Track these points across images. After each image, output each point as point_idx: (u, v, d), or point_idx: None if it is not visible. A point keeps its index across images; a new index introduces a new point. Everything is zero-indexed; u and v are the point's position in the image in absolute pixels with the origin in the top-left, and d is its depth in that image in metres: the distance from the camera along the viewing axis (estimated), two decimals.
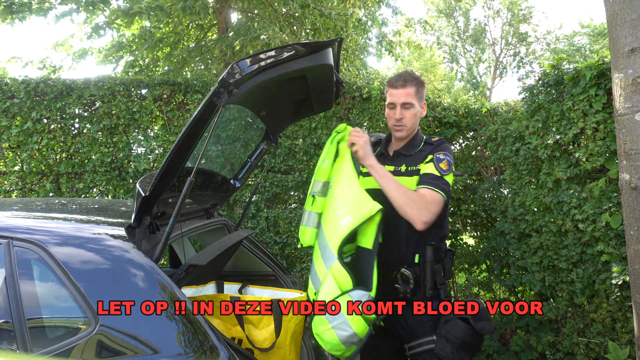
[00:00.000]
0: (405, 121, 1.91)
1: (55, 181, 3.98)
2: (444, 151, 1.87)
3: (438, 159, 1.84)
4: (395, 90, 1.90)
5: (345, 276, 1.61)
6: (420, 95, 1.92)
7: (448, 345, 1.69)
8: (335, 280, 1.62)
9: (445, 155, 1.85)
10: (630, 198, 2.20)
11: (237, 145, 3.96)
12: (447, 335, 1.70)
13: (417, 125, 1.98)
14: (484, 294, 4.15)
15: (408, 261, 1.86)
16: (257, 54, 1.45)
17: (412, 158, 1.92)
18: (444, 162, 1.83)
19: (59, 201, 2.34)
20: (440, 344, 1.71)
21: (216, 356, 1.31)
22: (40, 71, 6.57)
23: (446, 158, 1.84)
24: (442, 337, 1.71)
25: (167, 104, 4.01)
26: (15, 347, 1.35)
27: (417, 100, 1.91)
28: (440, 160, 1.83)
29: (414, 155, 1.92)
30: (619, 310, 2.87)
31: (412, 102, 1.89)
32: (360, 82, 4.13)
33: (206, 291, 2.05)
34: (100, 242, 1.47)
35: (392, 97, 1.92)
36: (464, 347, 1.68)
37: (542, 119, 3.16)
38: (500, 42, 20.73)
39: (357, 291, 1.60)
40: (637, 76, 2.10)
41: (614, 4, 2.18)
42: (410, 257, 1.86)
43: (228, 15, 6.24)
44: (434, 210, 1.73)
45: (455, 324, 1.71)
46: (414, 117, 1.92)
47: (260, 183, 3.99)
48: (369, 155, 1.80)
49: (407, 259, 1.86)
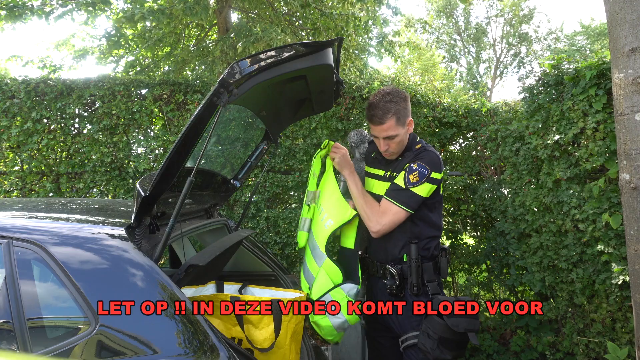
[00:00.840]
0: (391, 150, 1.92)
1: (55, 181, 3.98)
2: (419, 161, 1.86)
3: (410, 169, 1.85)
4: (374, 126, 1.88)
5: (336, 271, 1.90)
6: (402, 121, 1.87)
7: (429, 341, 1.74)
8: (327, 275, 1.89)
9: (419, 165, 1.84)
10: (630, 198, 2.20)
11: (237, 145, 3.96)
12: (427, 330, 1.76)
13: (405, 143, 1.95)
14: (484, 294, 4.15)
15: (396, 259, 1.95)
16: (257, 54, 1.45)
17: (397, 164, 1.98)
18: (414, 173, 1.83)
19: (59, 201, 2.34)
20: (422, 338, 1.78)
21: (216, 356, 1.31)
22: (40, 71, 6.57)
23: (419, 169, 1.83)
24: (423, 332, 1.78)
25: (167, 104, 4.01)
26: (15, 347, 1.35)
27: (399, 127, 1.87)
28: (412, 171, 1.84)
29: (399, 162, 1.97)
30: (619, 310, 2.87)
31: (393, 135, 1.87)
32: (360, 82, 4.13)
33: (206, 291, 2.05)
34: (100, 242, 1.47)
35: (373, 131, 1.91)
36: (444, 343, 1.71)
37: (542, 119, 3.16)
38: (501, 42, 20.73)
39: (347, 284, 1.88)
40: (637, 76, 2.10)
41: (614, 4, 2.18)
42: (398, 255, 1.94)
43: (228, 15, 6.24)
44: (385, 222, 1.85)
45: (431, 320, 1.77)
46: (399, 143, 1.91)
47: (260, 183, 3.99)
48: (345, 166, 1.98)
49: (395, 257, 1.95)
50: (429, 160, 1.86)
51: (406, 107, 1.89)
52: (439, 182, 1.89)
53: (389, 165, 2.01)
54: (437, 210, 1.98)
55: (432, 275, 1.91)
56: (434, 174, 1.85)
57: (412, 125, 1.95)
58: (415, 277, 1.88)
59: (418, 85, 4.85)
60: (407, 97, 1.91)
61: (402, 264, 1.93)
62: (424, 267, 1.91)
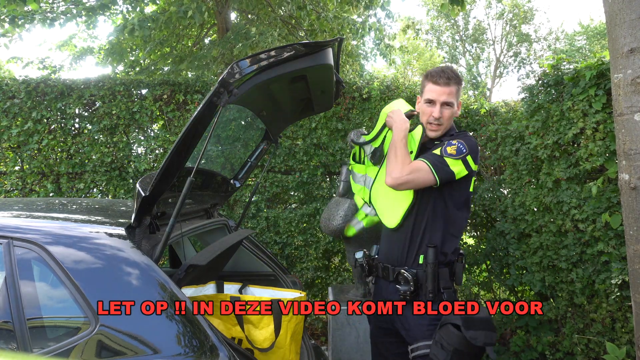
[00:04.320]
0: (442, 120, 1.82)
1: (55, 181, 3.99)
2: (459, 139, 1.78)
3: (449, 143, 1.77)
4: (436, 87, 1.79)
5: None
6: (459, 94, 1.84)
7: (442, 352, 1.63)
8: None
9: (458, 142, 1.75)
10: (629, 198, 2.20)
11: (237, 145, 3.97)
12: (441, 341, 1.65)
13: (451, 123, 1.87)
14: (484, 294, 4.15)
15: (411, 262, 1.82)
16: (257, 54, 1.45)
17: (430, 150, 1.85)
18: (453, 146, 1.74)
19: (59, 201, 2.34)
20: (435, 349, 1.67)
21: (216, 356, 1.31)
22: (40, 71, 6.58)
23: (457, 145, 1.74)
24: (437, 343, 1.67)
25: (167, 104, 4.01)
26: (15, 347, 1.35)
27: (457, 100, 1.83)
28: (451, 144, 1.75)
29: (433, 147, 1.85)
30: (619, 310, 2.87)
31: (452, 102, 1.80)
32: (360, 82, 4.13)
33: (206, 291, 2.05)
34: (101, 242, 1.47)
35: (432, 94, 1.81)
36: (458, 355, 1.61)
37: (542, 119, 3.16)
38: (501, 42, 20.73)
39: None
40: (637, 76, 2.10)
41: (613, 4, 2.18)
42: (414, 258, 1.82)
43: (228, 16, 6.24)
44: (407, 172, 1.72)
45: (447, 331, 1.65)
46: (451, 117, 1.83)
47: (260, 183, 3.99)
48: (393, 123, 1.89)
49: (410, 260, 1.82)
50: (469, 143, 1.77)
51: (462, 89, 1.87)
52: (471, 171, 1.78)
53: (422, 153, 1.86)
54: (463, 210, 1.86)
55: (448, 281, 1.79)
56: (470, 158, 1.75)
57: (460, 110, 1.89)
58: (432, 283, 1.75)
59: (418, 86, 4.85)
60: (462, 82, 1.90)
61: (417, 268, 1.79)
62: (440, 273, 1.77)
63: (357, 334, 2.95)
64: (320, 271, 4.02)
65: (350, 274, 4.04)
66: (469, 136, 1.83)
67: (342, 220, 2.87)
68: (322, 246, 3.96)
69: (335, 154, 4.04)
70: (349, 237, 2.79)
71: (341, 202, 2.93)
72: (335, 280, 4.05)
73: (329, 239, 3.95)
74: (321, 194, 4.05)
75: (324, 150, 4.07)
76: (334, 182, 4.17)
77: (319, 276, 4.03)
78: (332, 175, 4.20)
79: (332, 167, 4.07)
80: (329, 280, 4.05)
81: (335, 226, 2.88)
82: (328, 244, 3.97)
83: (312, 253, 3.97)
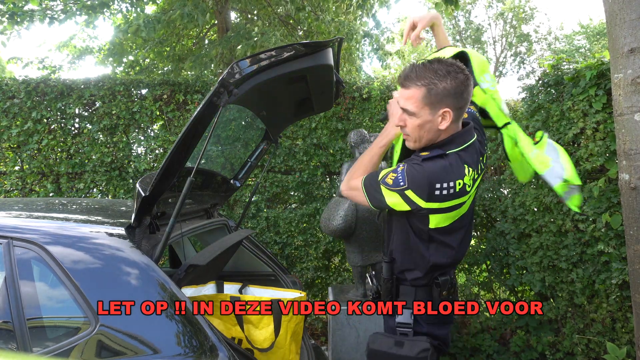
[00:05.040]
0: (407, 130, 1.46)
1: (55, 181, 3.99)
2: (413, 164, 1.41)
3: (397, 166, 1.45)
4: (400, 88, 1.45)
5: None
6: (432, 101, 1.37)
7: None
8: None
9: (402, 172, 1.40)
10: (629, 198, 2.20)
11: (237, 145, 3.97)
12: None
13: (430, 136, 1.44)
14: (484, 294, 4.15)
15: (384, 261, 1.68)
16: (257, 54, 1.45)
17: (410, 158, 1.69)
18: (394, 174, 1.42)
19: (59, 201, 2.34)
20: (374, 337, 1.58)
21: (216, 356, 1.31)
22: (40, 71, 6.58)
23: (398, 175, 1.40)
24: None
25: (167, 104, 4.01)
26: (15, 347, 1.35)
27: (425, 108, 1.38)
28: (396, 170, 1.43)
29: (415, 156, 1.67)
30: (619, 310, 2.87)
31: (413, 111, 1.40)
32: (360, 82, 4.13)
33: (206, 291, 2.05)
34: (100, 242, 1.47)
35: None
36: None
37: (542, 119, 3.16)
38: (502, 41, 20.74)
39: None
40: (637, 76, 2.10)
41: (613, 4, 2.18)
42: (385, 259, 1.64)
43: (228, 16, 6.25)
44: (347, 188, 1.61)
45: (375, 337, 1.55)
46: (417, 128, 1.42)
47: (260, 183, 3.99)
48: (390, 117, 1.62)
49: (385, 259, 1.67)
50: (417, 174, 1.37)
51: (448, 91, 1.35)
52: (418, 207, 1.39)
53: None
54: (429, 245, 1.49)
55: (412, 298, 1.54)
56: (412, 193, 1.37)
57: (448, 121, 1.40)
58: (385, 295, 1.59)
59: None
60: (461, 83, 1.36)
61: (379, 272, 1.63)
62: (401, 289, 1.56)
63: (357, 334, 2.95)
64: (320, 271, 4.03)
65: (350, 274, 4.04)
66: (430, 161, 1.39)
67: (342, 220, 2.87)
68: (322, 246, 3.96)
69: (335, 154, 4.05)
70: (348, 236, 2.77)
71: (341, 202, 2.93)
72: (335, 280, 4.05)
73: (329, 239, 3.95)
74: (321, 194, 4.06)
75: (324, 150, 4.07)
76: (334, 182, 4.17)
77: (319, 276, 4.03)
78: (332, 175, 4.20)
79: (332, 167, 4.07)
80: (329, 280, 4.05)
81: (335, 226, 2.88)
82: (328, 244, 3.97)
83: (312, 253, 3.98)
